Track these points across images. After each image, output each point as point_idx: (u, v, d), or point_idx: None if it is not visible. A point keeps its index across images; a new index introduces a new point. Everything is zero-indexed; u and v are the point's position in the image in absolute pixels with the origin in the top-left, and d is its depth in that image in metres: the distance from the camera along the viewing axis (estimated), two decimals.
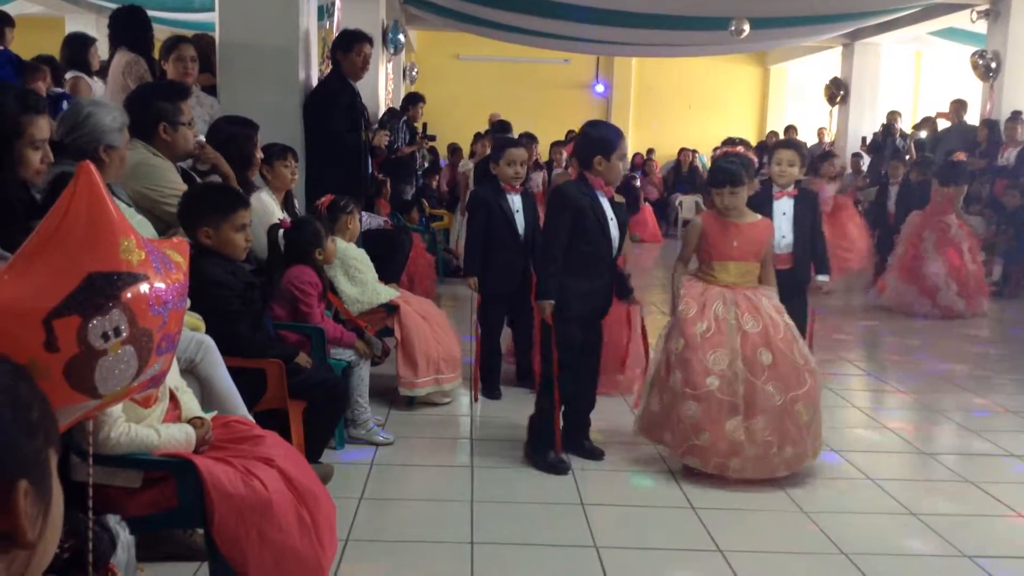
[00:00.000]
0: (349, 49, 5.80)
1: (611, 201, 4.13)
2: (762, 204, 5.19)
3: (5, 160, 2.75)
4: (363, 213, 6.01)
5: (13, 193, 2.74)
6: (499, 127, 5.32)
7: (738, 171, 4.11)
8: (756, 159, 4.25)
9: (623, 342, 5.01)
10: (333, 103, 5.65)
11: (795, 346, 3.97)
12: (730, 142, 4.98)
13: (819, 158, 9.80)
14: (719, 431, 3.87)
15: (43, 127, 2.84)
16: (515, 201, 5.22)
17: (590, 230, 4.01)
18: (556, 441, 4.09)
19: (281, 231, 4.18)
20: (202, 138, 4.24)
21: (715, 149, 4.78)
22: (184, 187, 3.71)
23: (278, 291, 4.15)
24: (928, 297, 8.28)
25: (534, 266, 4.22)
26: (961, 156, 9.02)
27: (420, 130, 9.72)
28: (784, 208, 4.95)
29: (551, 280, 4.01)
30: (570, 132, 15.53)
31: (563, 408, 4.18)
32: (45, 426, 1.03)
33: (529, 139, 6.31)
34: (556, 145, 10.77)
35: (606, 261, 4.12)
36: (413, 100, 10.09)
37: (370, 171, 6.28)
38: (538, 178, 9.30)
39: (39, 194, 2.96)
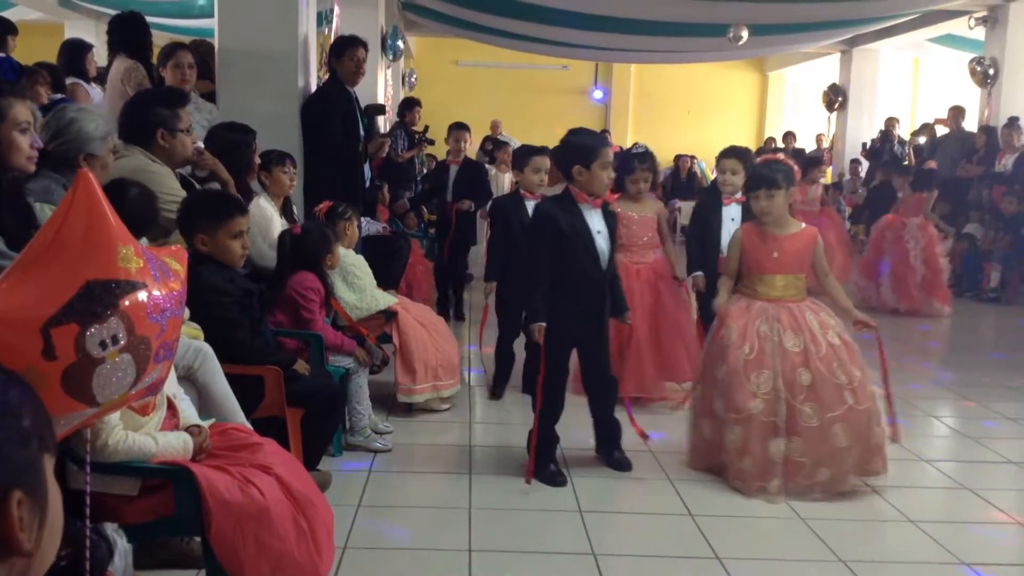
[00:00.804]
0: (342, 54, 5.80)
1: (603, 211, 3.97)
2: (713, 210, 5.30)
3: None
4: (363, 219, 6.02)
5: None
6: (523, 151, 5.52)
7: (774, 174, 3.99)
8: (798, 168, 4.16)
9: (678, 352, 5.10)
10: (329, 110, 5.65)
11: (835, 365, 3.87)
12: (771, 150, 5.06)
13: (810, 163, 10.14)
14: (762, 454, 3.84)
15: (24, 111, 2.81)
16: (533, 208, 5.25)
17: (573, 249, 3.85)
18: (553, 454, 4.05)
19: (290, 236, 4.19)
20: (200, 144, 4.25)
21: (754, 156, 4.84)
22: (183, 194, 3.71)
23: (281, 297, 4.15)
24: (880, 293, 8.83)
25: (519, 291, 4.01)
26: (932, 164, 9.66)
27: (419, 133, 9.73)
28: (732, 214, 5.15)
29: (539, 304, 3.85)
30: None
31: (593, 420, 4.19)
32: (39, 433, 1.02)
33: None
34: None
35: (594, 279, 3.92)
36: (409, 105, 10.10)
37: (369, 176, 6.28)
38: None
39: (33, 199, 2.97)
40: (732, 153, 5.38)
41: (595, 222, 3.93)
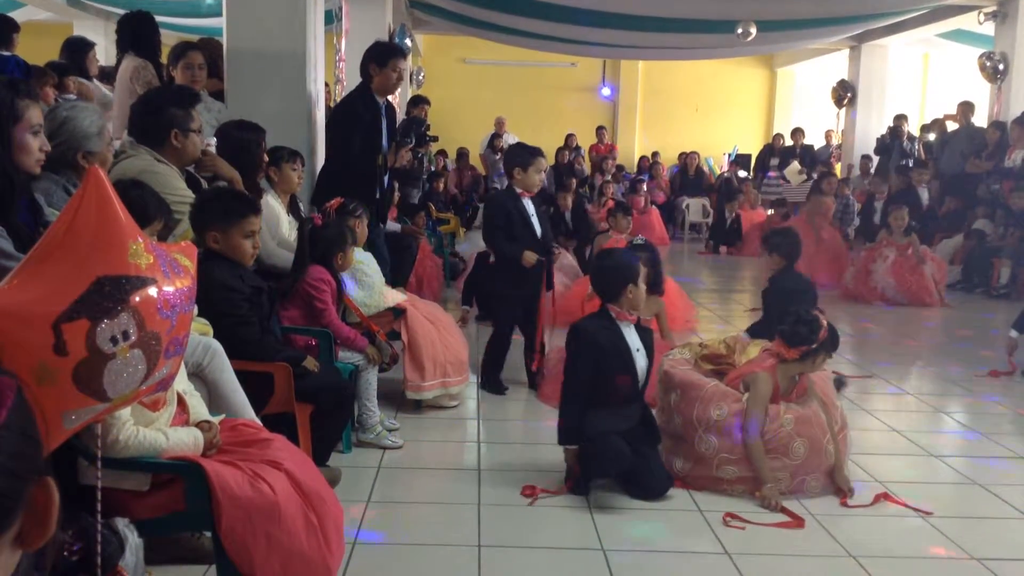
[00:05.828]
0: (384, 64, 5.50)
1: (638, 328, 3.96)
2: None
3: (4, 144, 2.76)
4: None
5: (11, 171, 2.76)
6: (529, 151, 5.50)
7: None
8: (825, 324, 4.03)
9: None
10: (352, 124, 5.52)
11: (828, 437, 3.91)
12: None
13: (820, 177, 10.51)
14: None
15: (38, 114, 2.87)
16: (529, 206, 5.28)
17: (612, 367, 3.84)
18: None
19: (310, 227, 4.21)
20: (212, 143, 4.23)
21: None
22: (189, 193, 3.70)
23: (294, 291, 4.16)
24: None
25: (560, 407, 4.00)
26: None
27: (424, 131, 9.75)
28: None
29: (571, 422, 3.84)
30: (569, 135, 15.58)
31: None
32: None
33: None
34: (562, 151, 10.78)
35: (631, 396, 3.92)
36: (416, 103, 10.12)
37: (386, 186, 6.21)
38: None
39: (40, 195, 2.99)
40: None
41: (633, 339, 3.92)
